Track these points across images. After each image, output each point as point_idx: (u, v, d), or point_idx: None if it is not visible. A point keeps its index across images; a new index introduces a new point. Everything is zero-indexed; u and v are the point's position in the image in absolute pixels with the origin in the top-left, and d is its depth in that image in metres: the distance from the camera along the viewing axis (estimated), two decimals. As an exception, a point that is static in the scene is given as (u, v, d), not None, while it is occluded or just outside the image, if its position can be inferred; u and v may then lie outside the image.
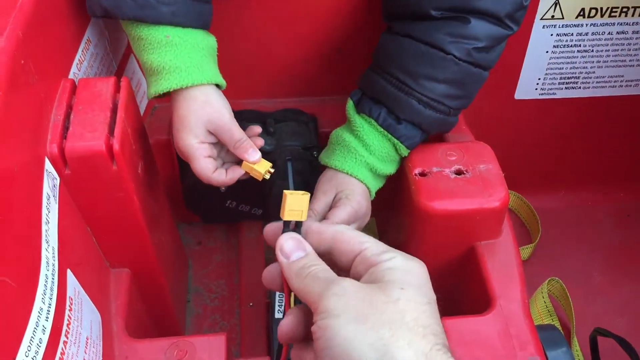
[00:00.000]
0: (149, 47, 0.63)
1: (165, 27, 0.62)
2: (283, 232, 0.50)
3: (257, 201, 0.88)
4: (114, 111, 0.61)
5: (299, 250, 0.47)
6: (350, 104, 0.74)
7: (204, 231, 0.96)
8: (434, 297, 0.44)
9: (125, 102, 0.62)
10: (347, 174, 0.71)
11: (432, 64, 0.67)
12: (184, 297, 0.88)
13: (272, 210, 0.77)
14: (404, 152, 0.72)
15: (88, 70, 0.68)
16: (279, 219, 0.76)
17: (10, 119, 0.49)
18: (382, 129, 0.71)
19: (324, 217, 0.69)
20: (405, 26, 0.70)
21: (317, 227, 0.50)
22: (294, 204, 0.51)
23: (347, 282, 0.43)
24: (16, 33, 0.53)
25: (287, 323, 0.45)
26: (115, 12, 0.62)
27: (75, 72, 0.65)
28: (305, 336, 0.45)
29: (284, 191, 0.50)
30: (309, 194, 0.54)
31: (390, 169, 0.73)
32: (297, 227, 0.50)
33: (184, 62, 0.63)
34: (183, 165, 0.88)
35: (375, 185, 0.74)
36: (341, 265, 0.47)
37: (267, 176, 0.67)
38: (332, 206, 0.70)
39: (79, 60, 0.66)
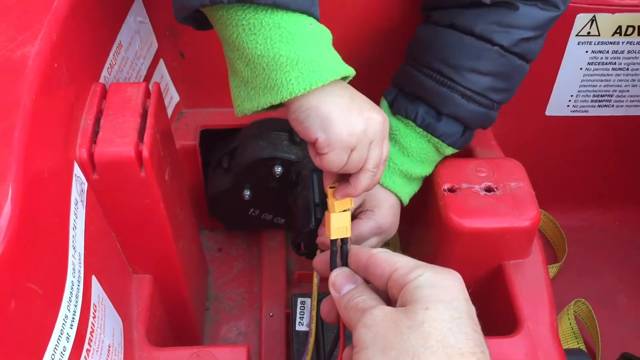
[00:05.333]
0: (288, 36, 0.51)
1: (304, 15, 0.52)
2: (331, 250, 0.52)
3: (280, 210, 0.87)
4: (144, 117, 0.60)
5: (348, 283, 0.48)
6: (384, 105, 0.71)
7: (225, 238, 0.95)
8: (469, 308, 0.43)
9: (155, 108, 0.61)
10: (387, 188, 0.70)
11: (476, 55, 0.66)
12: (203, 304, 0.87)
13: (297, 220, 0.77)
14: (447, 150, 0.70)
15: (118, 74, 0.68)
16: (303, 228, 0.75)
17: (42, 123, 0.49)
18: (420, 129, 0.68)
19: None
20: (447, 15, 0.68)
21: (353, 252, 0.50)
22: (338, 222, 0.51)
23: (378, 311, 0.43)
24: (50, 36, 0.53)
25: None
26: None
27: (106, 75, 0.65)
28: None
29: (327, 211, 0.50)
30: (350, 211, 0.54)
31: (427, 170, 0.71)
32: (343, 244, 0.51)
33: (331, 53, 0.54)
34: (208, 172, 0.88)
35: (410, 191, 0.72)
36: (379, 290, 0.47)
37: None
38: (356, 216, 0.68)
39: (110, 64, 0.66)
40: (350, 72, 0.54)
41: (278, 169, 0.80)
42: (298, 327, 0.73)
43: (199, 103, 0.87)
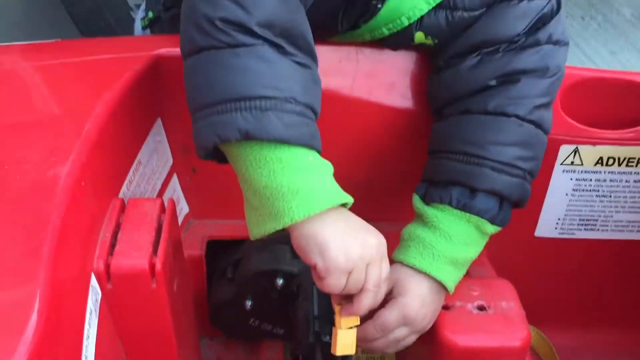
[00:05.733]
0: (290, 169, 0.57)
1: (304, 149, 0.59)
2: None
3: (280, 321, 0.89)
4: (158, 231, 0.65)
5: None
6: (416, 198, 0.74)
7: (224, 347, 0.97)
8: None
9: (170, 223, 0.66)
10: (421, 271, 0.69)
11: (496, 129, 0.71)
12: (200, 414, 0.88)
13: (296, 332, 0.79)
14: (488, 228, 0.71)
15: (136, 189, 0.73)
16: (302, 340, 0.77)
17: (67, 238, 0.53)
18: (457, 211, 0.70)
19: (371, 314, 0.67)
20: (459, 105, 0.74)
21: None
22: (344, 339, 0.53)
23: None
24: (81, 158, 0.58)
25: None
26: (261, 132, 0.57)
27: (125, 191, 0.70)
28: None
29: (334, 327, 0.52)
30: (356, 328, 0.57)
31: (473, 252, 0.72)
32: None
33: (329, 183, 0.60)
34: (212, 280, 0.91)
35: (457, 277, 0.72)
36: None
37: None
38: (384, 304, 0.67)
39: (129, 180, 0.71)
40: (348, 199, 0.59)
41: (279, 281, 0.83)
42: None
43: (206, 214, 0.92)
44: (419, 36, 0.76)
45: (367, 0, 0.72)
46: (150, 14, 0.90)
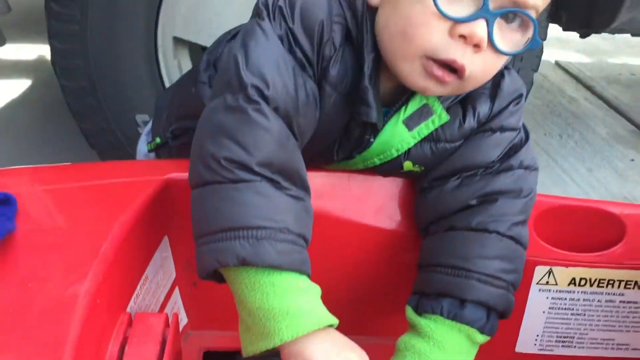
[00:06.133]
0: (281, 292, 0.64)
1: (295, 274, 0.65)
2: None
3: None
4: (163, 343, 0.69)
5: None
6: (409, 310, 0.80)
7: None
8: None
9: (173, 337, 0.71)
10: None
11: (480, 244, 0.78)
12: None
13: None
14: (478, 337, 0.76)
15: (142, 302, 0.79)
16: None
17: (81, 351, 0.58)
18: (449, 321, 0.76)
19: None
20: (444, 223, 0.82)
21: None
22: None
23: None
24: (97, 277, 0.64)
25: None
26: (256, 259, 0.63)
27: (132, 305, 0.76)
28: None
29: None
30: None
31: None
32: None
33: (316, 306, 0.66)
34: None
35: None
36: None
37: None
38: None
39: (136, 294, 0.77)
40: (334, 321, 0.66)
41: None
42: None
43: (204, 325, 0.96)
44: (408, 165, 0.85)
45: (361, 135, 0.80)
46: (158, 140, 0.99)
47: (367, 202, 0.89)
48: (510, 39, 0.70)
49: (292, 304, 0.64)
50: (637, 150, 2.14)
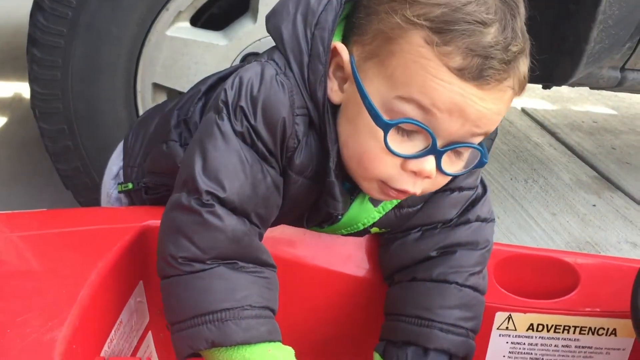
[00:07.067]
0: None
1: (263, 344, 0.71)
2: None
3: None
4: (135, 389, 0.72)
5: None
6: (377, 356, 0.85)
7: None
8: None
9: (147, 382, 0.73)
10: None
11: (441, 295, 0.83)
12: None
13: None
14: None
15: (115, 347, 0.81)
16: None
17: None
18: None
19: None
20: (407, 273, 0.87)
21: None
22: None
23: None
24: (74, 323, 0.67)
25: None
26: (224, 340, 0.70)
27: (106, 349, 0.78)
28: None
29: None
30: None
31: None
32: None
33: None
34: None
35: None
36: None
37: None
38: None
39: (110, 339, 0.79)
40: None
41: None
42: None
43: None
44: (374, 230, 0.90)
45: (329, 213, 0.84)
46: (130, 186, 1.02)
47: (336, 250, 0.94)
48: (458, 162, 0.75)
49: None
50: (599, 196, 2.22)
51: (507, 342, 0.98)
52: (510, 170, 2.35)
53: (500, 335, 0.97)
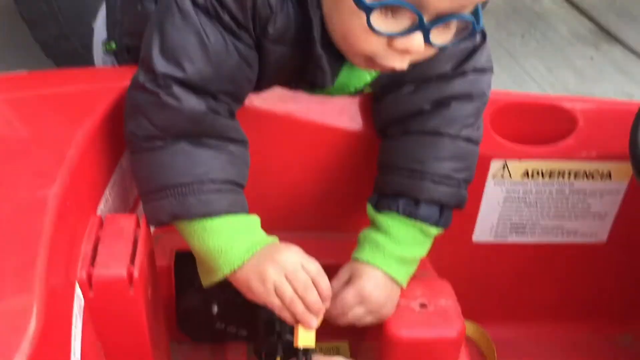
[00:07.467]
0: (214, 235, 0.72)
1: (224, 217, 0.73)
2: (298, 357, 0.62)
3: (243, 324, 0.97)
4: (135, 243, 0.72)
5: None
6: (369, 207, 0.85)
7: (191, 350, 1.04)
8: None
9: (145, 236, 0.74)
10: (374, 266, 0.80)
11: (433, 147, 0.82)
12: (172, 412, 0.95)
13: (260, 331, 0.88)
14: (432, 230, 0.82)
15: (111, 206, 0.81)
16: (265, 337, 0.86)
17: (56, 251, 0.60)
18: (404, 217, 0.81)
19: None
20: (399, 127, 0.85)
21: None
22: (306, 332, 0.62)
23: None
24: (65, 181, 0.66)
25: None
26: (185, 214, 0.72)
27: (102, 208, 0.78)
28: None
29: (295, 324, 0.61)
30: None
31: (420, 251, 0.83)
32: (307, 354, 0.61)
33: (249, 238, 0.73)
34: (180, 290, 0.99)
35: (406, 272, 0.82)
36: None
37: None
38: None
39: (105, 198, 0.79)
40: (268, 241, 0.73)
41: (243, 287, 0.91)
42: None
43: (174, 229, 0.99)
44: (367, 89, 0.88)
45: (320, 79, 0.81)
46: (114, 45, 0.98)
47: (329, 104, 0.91)
48: (448, 33, 0.70)
49: (224, 243, 0.72)
50: (596, 48, 2.17)
51: (501, 190, 0.99)
52: (506, 26, 2.28)
53: (495, 184, 0.98)
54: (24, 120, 0.77)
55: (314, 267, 0.72)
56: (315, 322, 0.71)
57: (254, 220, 0.76)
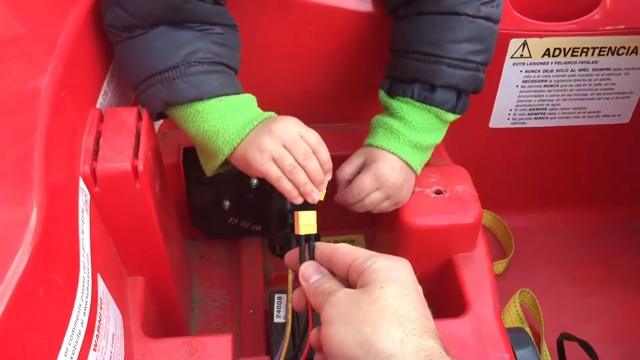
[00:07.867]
0: (208, 116, 0.70)
1: (217, 98, 0.70)
2: (300, 246, 0.59)
3: (257, 218, 0.96)
4: (137, 137, 0.69)
5: (316, 274, 0.56)
6: (382, 93, 0.82)
7: (206, 246, 1.04)
8: (417, 287, 0.52)
9: (147, 129, 0.71)
10: (389, 151, 0.77)
11: (450, 28, 0.77)
12: (189, 304, 0.96)
13: (273, 225, 0.86)
14: (448, 116, 0.79)
15: (111, 100, 0.77)
16: (278, 231, 0.85)
17: (54, 143, 0.58)
18: (419, 103, 0.78)
19: (349, 182, 0.78)
20: (412, 7, 0.79)
21: (318, 247, 0.59)
22: (306, 219, 0.60)
23: (341, 292, 0.51)
24: (58, 70, 0.62)
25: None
26: (176, 98, 0.70)
27: (101, 102, 0.74)
28: None
29: (295, 211, 0.59)
30: (315, 210, 0.64)
31: (436, 138, 0.80)
32: (310, 240, 0.59)
33: (244, 115, 0.70)
34: (190, 186, 0.97)
35: (421, 158, 0.80)
36: (341, 278, 0.55)
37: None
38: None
39: (104, 91, 0.75)
40: (265, 116, 0.70)
41: (254, 181, 0.90)
42: (276, 320, 0.82)
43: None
44: None
45: None
46: None
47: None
48: None
49: (219, 122, 0.69)
50: None
51: (520, 71, 0.94)
52: None
53: (514, 64, 0.93)
54: (10, 8, 0.72)
55: (314, 136, 0.69)
56: (318, 195, 0.68)
57: (250, 98, 0.73)
